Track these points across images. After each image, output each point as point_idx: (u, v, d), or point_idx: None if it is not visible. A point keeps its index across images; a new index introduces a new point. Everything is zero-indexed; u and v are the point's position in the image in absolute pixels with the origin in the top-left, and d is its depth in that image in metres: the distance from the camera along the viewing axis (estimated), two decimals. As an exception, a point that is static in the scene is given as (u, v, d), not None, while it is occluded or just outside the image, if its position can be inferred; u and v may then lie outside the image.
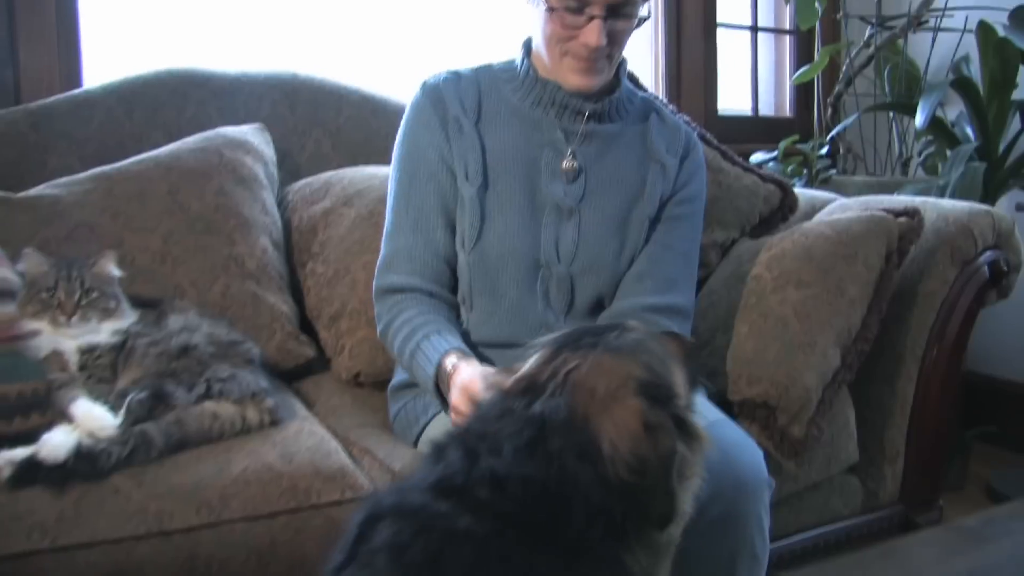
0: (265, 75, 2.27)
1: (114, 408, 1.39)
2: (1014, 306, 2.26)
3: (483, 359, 1.43)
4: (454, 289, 1.58)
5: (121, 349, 1.54)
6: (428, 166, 1.57)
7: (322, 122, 2.29)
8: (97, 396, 1.43)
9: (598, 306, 1.57)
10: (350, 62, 2.66)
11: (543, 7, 1.46)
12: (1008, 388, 3.00)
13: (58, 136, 2.01)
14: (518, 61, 1.60)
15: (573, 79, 1.51)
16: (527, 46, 1.59)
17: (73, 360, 1.51)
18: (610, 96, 1.57)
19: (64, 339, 1.51)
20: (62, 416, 1.39)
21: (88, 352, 1.51)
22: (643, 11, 1.49)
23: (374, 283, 1.59)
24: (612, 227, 1.57)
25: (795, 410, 1.63)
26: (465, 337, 1.52)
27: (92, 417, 1.35)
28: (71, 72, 2.26)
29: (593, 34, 1.43)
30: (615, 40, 1.47)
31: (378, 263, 1.60)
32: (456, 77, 1.61)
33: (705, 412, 1.43)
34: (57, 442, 1.30)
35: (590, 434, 0.92)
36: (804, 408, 1.63)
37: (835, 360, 1.69)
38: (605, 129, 1.59)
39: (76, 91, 2.11)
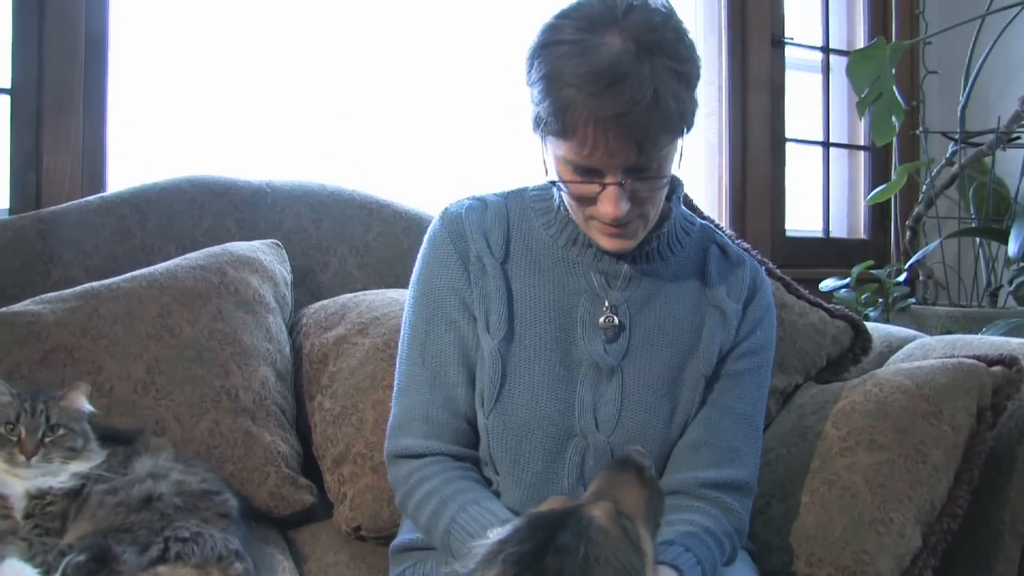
0: (290, 185, 2.15)
1: (49, 570, 1.21)
2: None
3: None
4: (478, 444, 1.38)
5: (76, 496, 1.36)
6: (446, 311, 1.36)
7: (348, 238, 2.14)
8: (36, 552, 1.26)
9: None
10: (382, 172, 2.59)
11: (549, 178, 1.27)
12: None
13: (65, 245, 1.90)
14: (555, 190, 1.37)
15: (604, 242, 1.29)
16: None
17: (19, 506, 1.34)
18: (659, 230, 1.34)
19: (14, 481, 1.36)
20: (-13, 577, 1.22)
21: (38, 498, 1.35)
22: (673, 168, 1.25)
23: (385, 445, 1.39)
24: (661, 388, 1.33)
25: (866, 601, 1.37)
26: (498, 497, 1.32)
27: None
28: (95, 177, 2.22)
29: (610, 204, 1.20)
30: (643, 200, 1.24)
31: (390, 423, 1.40)
32: (482, 205, 1.41)
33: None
34: (-28, 615, 1.11)
35: None
36: (877, 599, 1.37)
37: (915, 540, 1.44)
38: (653, 269, 1.36)
39: (90, 198, 2.03)
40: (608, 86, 1.11)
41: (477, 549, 0.90)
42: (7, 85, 2.10)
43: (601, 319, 1.33)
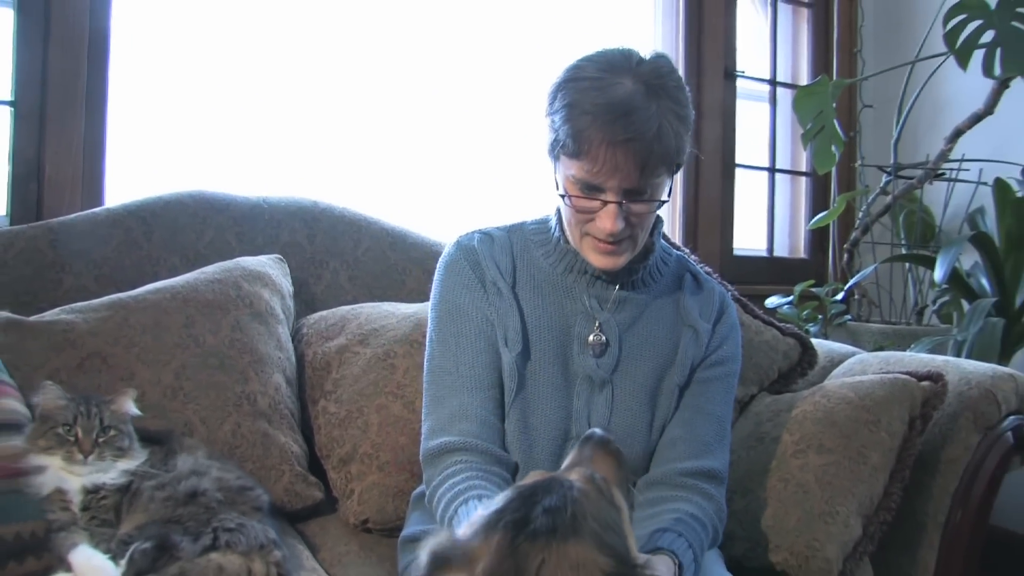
0: (285, 202, 2.26)
1: (115, 556, 1.34)
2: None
3: None
4: None
5: (126, 491, 1.49)
6: (475, 324, 1.52)
7: (340, 253, 2.27)
8: (98, 541, 1.39)
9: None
10: (369, 191, 2.70)
11: (559, 192, 1.45)
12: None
13: (75, 255, 1.98)
14: (552, 223, 1.57)
15: (595, 259, 1.48)
16: (559, 212, 1.55)
17: (77, 500, 1.45)
18: (643, 263, 1.54)
19: (71, 477, 1.46)
20: (59, 562, 1.35)
21: (93, 492, 1.46)
22: (663, 192, 1.43)
23: (422, 448, 1.51)
24: (644, 398, 1.53)
25: (816, 582, 1.59)
26: None
27: (92, 567, 1.32)
28: (94, 188, 2.29)
29: (608, 220, 1.39)
30: (635, 222, 1.43)
31: (425, 432, 1.51)
32: (489, 239, 1.59)
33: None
34: (54, 594, 1.26)
35: None
36: (825, 580, 1.59)
37: (857, 530, 1.66)
38: (638, 295, 1.56)
39: (97, 209, 2.10)
40: (620, 116, 1.33)
41: (475, 518, 1.00)
42: (9, 97, 2.15)
43: (591, 337, 1.52)
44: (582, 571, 0.93)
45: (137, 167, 2.43)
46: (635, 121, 1.33)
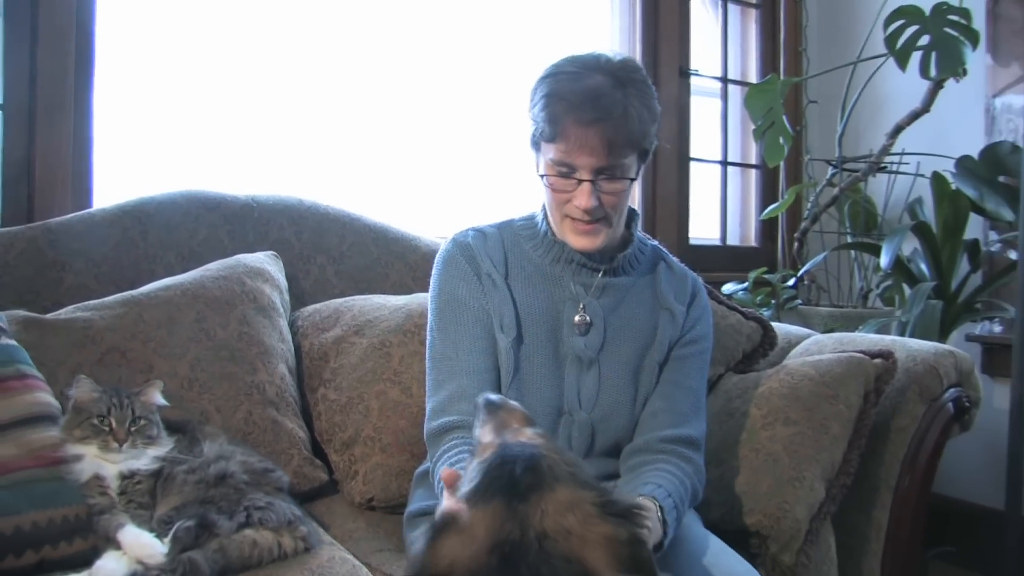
0: (273, 200, 2.34)
1: (157, 535, 1.45)
2: (968, 433, 2.42)
3: None
4: None
5: (159, 475, 1.60)
6: (473, 313, 1.66)
7: (326, 248, 2.36)
8: (137, 522, 1.49)
9: (615, 449, 1.67)
10: (350, 188, 2.79)
11: (539, 173, 1.62)
12: (965, 509, 3.15)
13: (75, 254, 2.04)
14: (539, 218, 1.73)
15: (574, 240, 1.64)
16: (544, 207, 1.70)
17: (114, 485, 1.55)
18: (623, 252, 1.70)
19: (107, 464, 1.56)
20: (105, 541, 1.46)
21: (129, 478, 1.57)
22: (632, 172, 1.59)
23: (425, 428, 1.63)
24: (628, 375, 1.68)
25: (786, 539, 1.76)
26: None
27: (141, 544, 1.42)
28: (82, 188, 2.35)
29: (583, 197, 1.56)
30: (608, 202, 1.58)
31: (430, 410, 1.64)
32: (482, 235, 1.73)
33: (711, 544, 1.56)
34: (110, 569, 1.37)
35: (590, 572, 1.02)
36: (794, 538, 1.77)
37: (820, 493, 1.83)
38: (619, 282, 1.71)
39: (92, 210, 2.16)
40: (590, 100, 1.53)
41: (462, 494, 1.09)
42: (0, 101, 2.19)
43: (576, 317, 1.68)
44: (576, 509, 1.05)
45: (123, 166, 2.49)
46: (604, 104, 1.52)
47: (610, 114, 1.52)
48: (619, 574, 1.02)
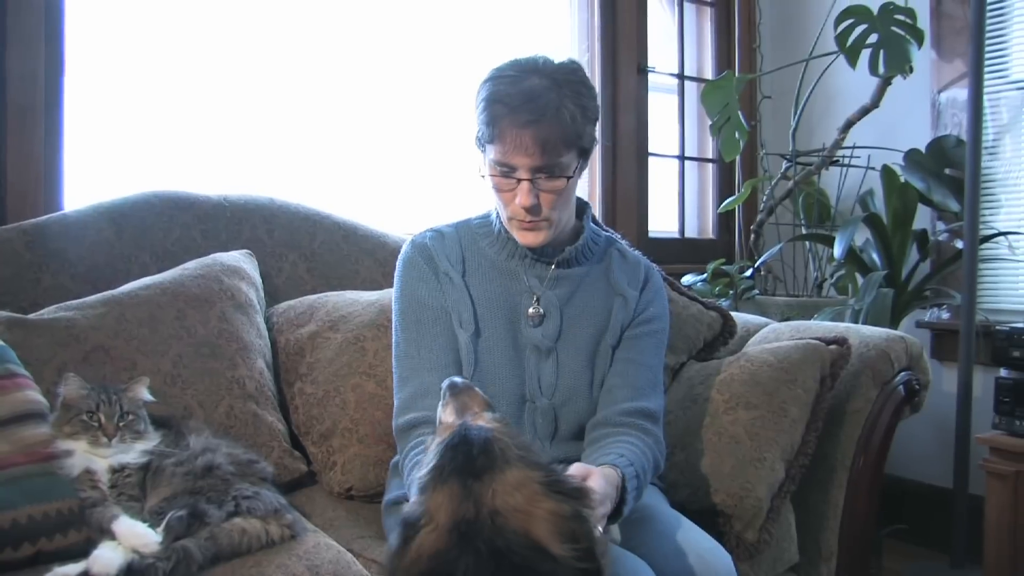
0: (244, 199, 2.38)
1: (151, 524, 1.49)
2: (919, 416, 2.54)
3: None
4: None
5: (148, 468, 1.64)
6: (433, 313, 1.74)
7: (297, 246, 2.40)
8: (128, 514, 1.52)
9: (580, 433, 1.74)
10: (318, 187, 2.83)
11: (481, 174, 1.69)
12: (916, 489, 3.28)
13: (51, 255, 2.06)
14: (493, 216, 1.80)
15: (520, 236, 1.71)
16: None
17: (104, 479, 1.59)
18: (576, 243, 1.78)
19: (97, 459, 1.60)
20: (99, 533, 1.50)
21: (119, 471, 1.61)
22: (570, 171, 1.64)
23: (394, 424, 1.71)
24: (585, 360, 1.75)
25: (749, 518, 1.86)
26: None
27: (136, 534, 1.46)
28: (53, 192, 2.37)
29: (523, 196, 1.62)
30: (548, 200, 1.65)
31: (396, 407, 1.72)
32: (440, 236, 1.81)
33: (682, 523, 1.64)
34: (108, 558, 1.40)
35: (537, 544, 1.13)
36: (756, 516, 1.86)
37: (781, 473, 1.92)
38: (573, 272, 1.79)
39: (67, 211, 2.18)
40: (525, 102, 1.60)
41: (421, 479, 1.20)
42: (-31, 104, 2.20)
43: (530, 310, 1.76)
44: (522, 488, 1.16)
45: (95, 167, 2.51)
46: (538, 106, 1.59)
47: (543, 115, 1.58)
48: (562, 544, 1.13)
